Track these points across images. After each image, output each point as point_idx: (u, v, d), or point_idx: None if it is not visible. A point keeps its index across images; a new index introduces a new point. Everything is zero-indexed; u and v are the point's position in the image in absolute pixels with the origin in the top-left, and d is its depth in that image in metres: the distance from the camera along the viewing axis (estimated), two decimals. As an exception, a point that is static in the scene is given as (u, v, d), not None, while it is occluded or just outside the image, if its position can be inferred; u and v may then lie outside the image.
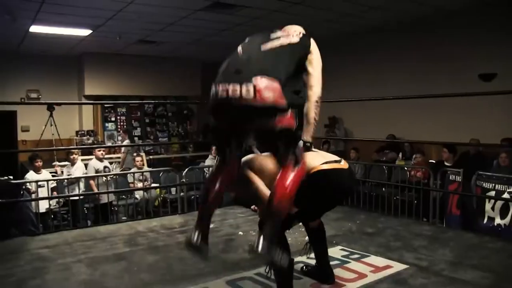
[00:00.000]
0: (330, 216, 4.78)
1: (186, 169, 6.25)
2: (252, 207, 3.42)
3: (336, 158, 2.67)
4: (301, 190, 2.48)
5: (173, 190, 7.59)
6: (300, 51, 2.52)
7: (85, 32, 8.62)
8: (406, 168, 6.87)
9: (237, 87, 2.17)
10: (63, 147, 9.63)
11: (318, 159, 2.60)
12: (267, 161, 2.69)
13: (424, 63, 8.01)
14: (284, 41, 2.46)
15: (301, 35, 2.56)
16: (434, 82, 7.60)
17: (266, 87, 2.17)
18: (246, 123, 2.30)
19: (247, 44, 2.46)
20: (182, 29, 8.52)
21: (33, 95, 11.21)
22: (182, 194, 5.98)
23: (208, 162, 8.18)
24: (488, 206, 5.15)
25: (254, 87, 2.16)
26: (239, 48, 2.41)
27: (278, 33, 2.51)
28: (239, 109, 2.20)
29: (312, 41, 2.64)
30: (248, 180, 2.67)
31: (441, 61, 7.73)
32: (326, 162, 2.57)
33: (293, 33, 2.54)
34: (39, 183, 5.78)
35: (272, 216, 2.32)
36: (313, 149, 2.62)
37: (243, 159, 2.82)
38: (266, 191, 2.58)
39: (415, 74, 8.11)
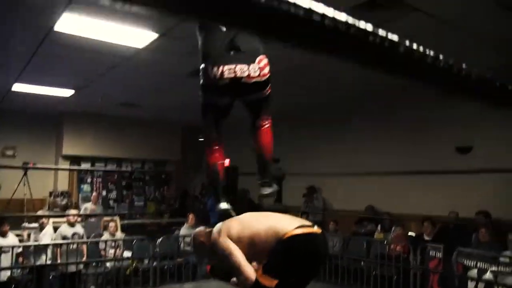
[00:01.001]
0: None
1: (161, 238, 6.05)
2: (233, 279, 3.27)
3: (309, 223, 2.64)
4: (276, 257, 2.49)
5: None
6: None
7: (67, 92, 8.61)
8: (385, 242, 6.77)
9: (245, 68, 2.63)
10: (32, 214, 9.23)
11: (291, 222, 2.56)
12: (244, 228, 2.66)
13: (403, 135, 8.06)
14: None
15: None
16: (413, 153, 7.65)
17: (265, 65, 2.71)
18: (249, 95, 2.81)
19: None
20: (165, 94, 8.59)
21: (9, 152, 10.99)
22: (155, 264, 5.75)
23: (183, 231, 7.95)
24: (470, 285, 5.05)
25: (260, 71, 2.67)
26: (221, 27, 2.73)
27: None
28: (247, 84, 2.67)
29: None
30: (229, 252, 2.61)
31: (419, 132, 7.77)
32: (300, 226, 2.52)
33: None
34: (4, 248, 5.50)
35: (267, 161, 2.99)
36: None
37: (220, 226, 2.77)
38: (247, 266, 2.55)
39: (394, 145, 8.15)
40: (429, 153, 7.40)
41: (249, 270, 2.54)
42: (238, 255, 2.58)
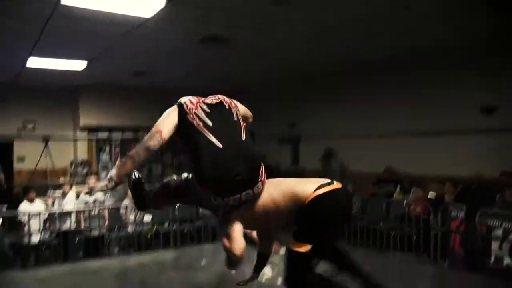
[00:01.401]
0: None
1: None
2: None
3: (327, 180, 2.61)
4: (303, 222, 2.50)
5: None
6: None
7: (81, 64, 8.60)
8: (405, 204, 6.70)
9: (250, 192, 2.54)
10: (56, 183, 9.47)
11: (309, 185, 2.55)
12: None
13: (424, 96, 7.87)
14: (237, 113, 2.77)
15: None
16: (434, 114, 7.47)
17: (265, 174, 2.62)
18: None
19: (219, 132, 2.61)
20: (177, 61, 8.51)
21: (30, 126, 11.16)
22: (175, 227, 5.84)
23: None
24: (494, 245, 4.97)
25: (262, 184, 2.59)
26: (215, 140, 2.56)
27: (227, 105, 2.79)
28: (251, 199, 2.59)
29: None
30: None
31: (442, 93, 7.56)
32: (319, 187, 2.51)
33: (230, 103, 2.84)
34: (32, 214, 5.73)
35: None
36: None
37: None
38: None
39: (415, 107, 7.96)
40: (452, 112, 7.21)
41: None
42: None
